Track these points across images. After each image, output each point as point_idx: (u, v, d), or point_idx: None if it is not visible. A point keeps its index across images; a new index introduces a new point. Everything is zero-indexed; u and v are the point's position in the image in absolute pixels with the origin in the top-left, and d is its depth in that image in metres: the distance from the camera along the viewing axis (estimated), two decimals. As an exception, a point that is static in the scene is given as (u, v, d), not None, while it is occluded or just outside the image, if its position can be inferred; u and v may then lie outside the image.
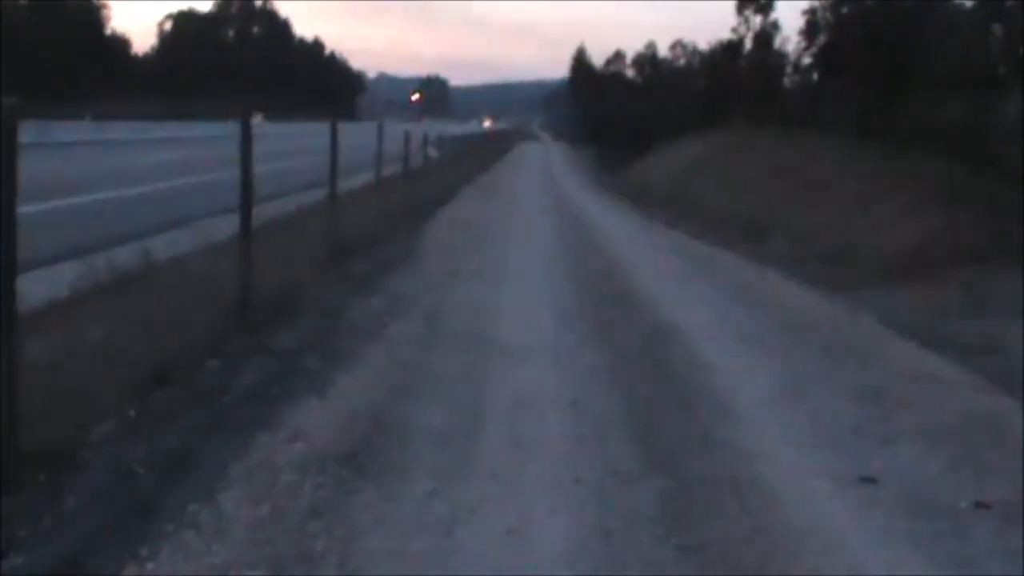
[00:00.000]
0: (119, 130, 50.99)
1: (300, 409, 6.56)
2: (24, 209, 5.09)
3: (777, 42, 59.33)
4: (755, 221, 22.29)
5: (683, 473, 5.75)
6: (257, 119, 64.58)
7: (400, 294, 11.16)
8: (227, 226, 10.47)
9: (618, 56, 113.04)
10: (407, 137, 22.29)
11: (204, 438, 5.92)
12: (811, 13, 48.88)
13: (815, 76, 52.65)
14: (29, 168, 5.22)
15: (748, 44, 61.69)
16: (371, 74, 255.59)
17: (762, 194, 25.73)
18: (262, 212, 13.65)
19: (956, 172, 19.83)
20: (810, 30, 50.35)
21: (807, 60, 52.57)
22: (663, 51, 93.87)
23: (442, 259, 14.50)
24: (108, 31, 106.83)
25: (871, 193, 20.96)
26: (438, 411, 6.70)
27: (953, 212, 17.48)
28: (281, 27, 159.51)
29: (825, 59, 48.71)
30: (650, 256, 17.28)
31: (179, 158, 34.17)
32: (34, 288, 8.96)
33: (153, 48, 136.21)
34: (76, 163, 29.99)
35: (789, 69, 55.46)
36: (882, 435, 6.67)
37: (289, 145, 35.97)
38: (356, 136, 23.11)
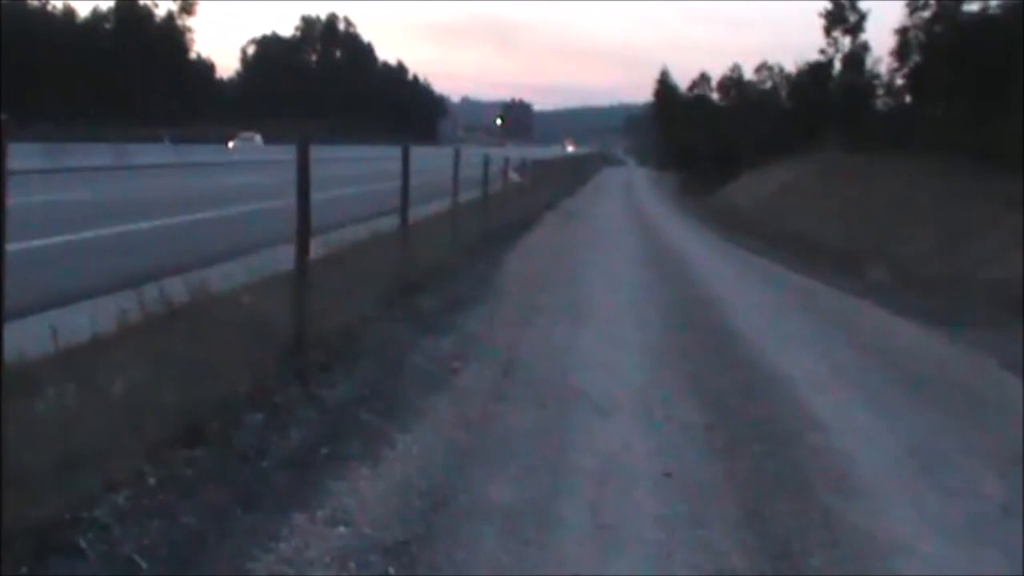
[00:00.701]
0: (195, 153, 51.14)
1: (347, 479, 5.60)
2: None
3: (868, 63, 57.92)
4: (853, 249, 21.10)
5: (803, 573, 4.70)
6: (255, 138, 62.93)
7: (473, 334, 10.14)
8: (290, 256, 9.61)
9: (703, 78, 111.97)
10: (486, 161, 21.40)
11: (229, 517, 4.98)
12: (903, 32, 47.40)
13: (908, 97, 51.09)
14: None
15: (837, 65, 60.37)
16: (455, 98, 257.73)
17: (858, 221, 24.49)
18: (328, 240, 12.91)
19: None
20: (902, 50, 48.88)
21: (899, 81, 50.97)
22: (748, 74, 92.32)
23: (520, 293, 13.50)
24: (193, 55, 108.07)
25: (979, 219, 19.67)
26: (509, 483, 5.69)
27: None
28: (363, 51, 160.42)
29: (918, 79, 47.17)
30: (743, 289, 16.13)
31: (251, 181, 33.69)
32: (75, 321, 8.23)
33: (237, 72, 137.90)
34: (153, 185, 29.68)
35: (881, 91, 54.03)
36: (1040, 518, 5.55)
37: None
38: (433, 161, 22.32)
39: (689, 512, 5.41)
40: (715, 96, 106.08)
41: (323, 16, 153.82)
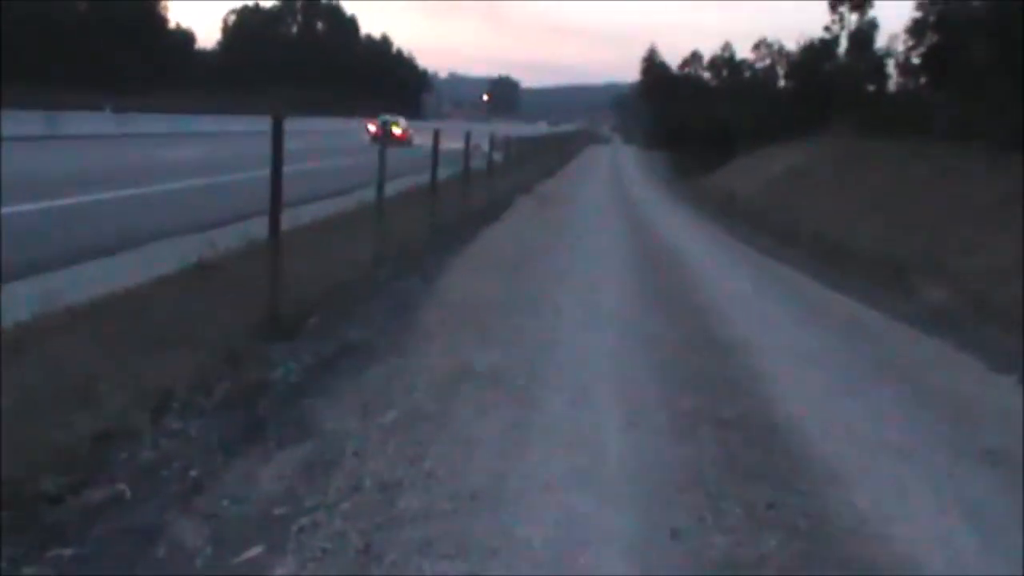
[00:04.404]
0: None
1: None
2: None
3: (879, 41, 54.08)
4: (893, 257, 16.77)
5: None
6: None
7: (334, 451, 5.39)
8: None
9: (694, 57, 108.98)
10: (436, 137, 16.85)
11: None
12: (922, 7, 43.34)
13: (923, 79, 47.17)
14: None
15: (843, 43, 56.48)
16: (442, 74, 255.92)
17: (895, 221, 20.12)
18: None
19: None
20: (918, 27, 44.87)
21: (915, 60, 46.97)
22: (742, 53, 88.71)
23: (447, 337, 8.77)
24: (172, 25, 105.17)
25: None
26: None
27: None
28: (346, 23, 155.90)
29: (938, 57, 43.11)
30: (775, 324, 11.59)
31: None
32: None
33: (218, 43, 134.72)
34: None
35: (894, 71, 50.14)
36: None
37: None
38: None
39: None
40: (706, 76, 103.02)
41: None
